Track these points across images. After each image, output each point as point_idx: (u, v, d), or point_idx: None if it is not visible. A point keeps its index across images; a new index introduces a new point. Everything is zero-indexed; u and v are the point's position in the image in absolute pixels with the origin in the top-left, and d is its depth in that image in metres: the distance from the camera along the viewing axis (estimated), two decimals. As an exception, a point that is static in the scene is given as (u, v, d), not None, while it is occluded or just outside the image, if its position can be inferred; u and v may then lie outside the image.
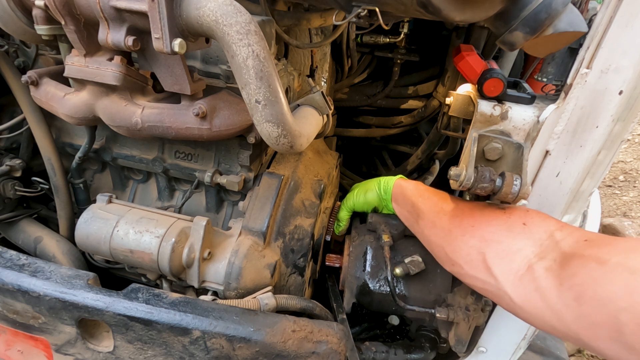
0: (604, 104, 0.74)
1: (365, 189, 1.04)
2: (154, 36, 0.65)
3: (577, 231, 0.66)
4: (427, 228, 0.86)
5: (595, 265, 0.55)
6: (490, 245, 0.71)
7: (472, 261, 0.73)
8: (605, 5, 0.68)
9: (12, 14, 0.77)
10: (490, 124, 0.85)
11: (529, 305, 0.63)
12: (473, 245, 0.74)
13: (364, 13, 0.67)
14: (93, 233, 0.84)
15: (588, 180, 0.83)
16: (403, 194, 0.95)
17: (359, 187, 1.07)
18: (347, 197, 1.07)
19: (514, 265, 0.66)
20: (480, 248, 0.72)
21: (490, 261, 0.70)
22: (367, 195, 1.02)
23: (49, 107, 0.85)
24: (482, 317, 0.92)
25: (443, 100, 1.53)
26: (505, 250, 0.69)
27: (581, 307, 0.54)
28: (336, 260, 1.05)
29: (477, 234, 0.74)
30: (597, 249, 0.57)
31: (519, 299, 0.65)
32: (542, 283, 0.61)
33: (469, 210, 0.80)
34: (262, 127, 0.68)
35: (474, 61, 1.04)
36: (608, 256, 0.54)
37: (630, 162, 3.83)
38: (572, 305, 0.56)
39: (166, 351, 0.73)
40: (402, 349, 0.99)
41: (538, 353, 1.42)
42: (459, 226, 0.78)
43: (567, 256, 0.60)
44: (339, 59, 1.52)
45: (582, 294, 0.55)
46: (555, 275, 0.60)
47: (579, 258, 0.58)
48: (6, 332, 0.81)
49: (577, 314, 0.55)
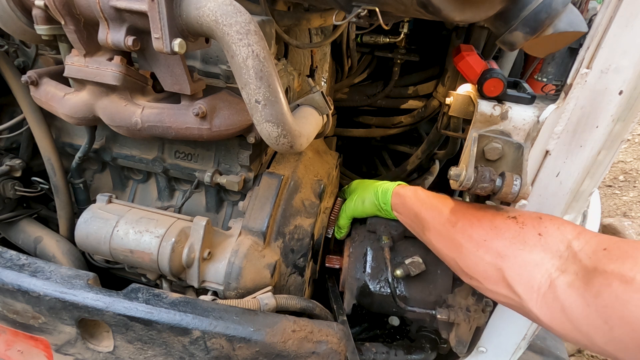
0: (604, 104, 0.74)
1: (363, 197, 1.01)
2: (154, 36, 0.65)
3: (594, 238, 0.63)
4: (435, 240, 0.83)
5: (619, 284, 0.53)
6: (507, 261, 0.68)
7: (490, 277, 0.70)
8: (605, 5, 0.68)
9: (12, 13, 0.77)
10: (490, 124, 0.85)
11: (558, 326, 0.61)
12: (489, 262, 0.71)
13: (364, 13, 0.67)
14: (93, 233, 0.84)
15: (588, 180, 0.83)
16: (403, 203, 0.92)
17: (357, 194, 1.03)
18: (346, 205, 1.05)
19: (535, 281, 0.63)
20: (497, 264, 0.69)
21: (510, 278, 0.67)
22: (366, 204, 1.00)
23: (48, 107, 0.85)
24: (482, 318, 0.92)
25: (443, 100, 1.53)
26: (523, 265, 0.66)
27: (612, 331, 0.52)
28: (336, 261, 1.05)
29: (491, 249, 0.71)
30: (619, 264, 0.55)
31: (545, 318, 0.62)
32: (567, 302, 0.58)
33: (477, 221, 0.76)
34: (262, 127, 0.68)
35: (474, 61, 1.04)
36: (632, 273, 0.53)
37: (630, 162, 3.83)
38: (602, 329, 0.54)
39: (166, 351, 0.73)
40: (403, 350, 0.99)
41: (538, 353, 1.42)
42: (470, 240, 0.75)
43: (589, 271, 0.58)
44: (339, 59, 1.52)
45: (610, 316, 0.53)
46: (579, 293, 0.58)
47: (602, 275, 0.56)
48: (6, 332, 0.81)
49: (609, 338, 0.53)
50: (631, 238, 2.82)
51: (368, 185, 1.03)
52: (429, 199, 0.87)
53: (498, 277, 0.69)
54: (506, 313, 0.95)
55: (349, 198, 1.06)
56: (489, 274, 0.71)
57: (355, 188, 1.08)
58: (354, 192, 1.06)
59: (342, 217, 1.05)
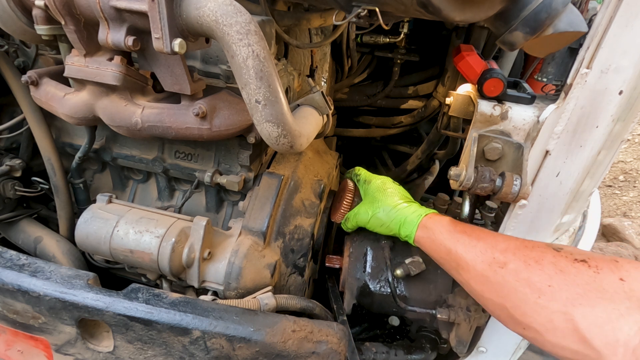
0: (604, 104, 0.74)
1: (382, 220, 0.90)
2: (154, 36, 0.65)
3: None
4: (475, 282, 0.73)
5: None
6: (581, 310, 0.58)
7: (556, 329, 0.61)
8: (605, 5, 0.68)
9: (12, 13, 0.77)
10: (490, 124, 0.85)
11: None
12: (556, 310, 0.61)
13: (364, 13, 0.67)
14: (93, 233, 0.84)
15: (588, 180, 0.83)
16: (432, 239, 0.81)
17: (375, 208, 0.91)
18: (359, 215, 0.94)
19: (622, 335, 0.54)
20: (567, 314, 0.59)
21: (586, 331, 0.57)
22: (383, 229, 0.91)
23: (48, 107, 0.85)
24: (483, 318, 0.92)
25: (443, 100, 1.53)
26: (603, 316, 0.56)
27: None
28: (336, 261, 1.05)
29: (559, 296, 0.61)
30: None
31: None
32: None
33: (536, 263, 0.66)
34: (262, 127, 0.68)
35: (474, 61, 1.04)
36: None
37: (630, 162, 3.83)
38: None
39: (166, 351, 0.73)
40: (403, 350, 0.99)
41: (538, 353, 1.42)
42: (527, 285, 0.65)
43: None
44: (339, 59, 1.52)
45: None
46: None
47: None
48: (6, 332, 0.81)
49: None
50: (631, 238, 2.83)
51: (390, 205, 0.90)
52: (467, 235, 0.76)
53: (568, 329, 0.59)
54: (506, 313, 0.95)
55: (364, 207, 0.94)
56: (554, 324, 0.61)
57: (374, 195, 0.94)
58: (373, 201, 0.93)
59: (351, 222, 0.97)
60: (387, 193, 0.93)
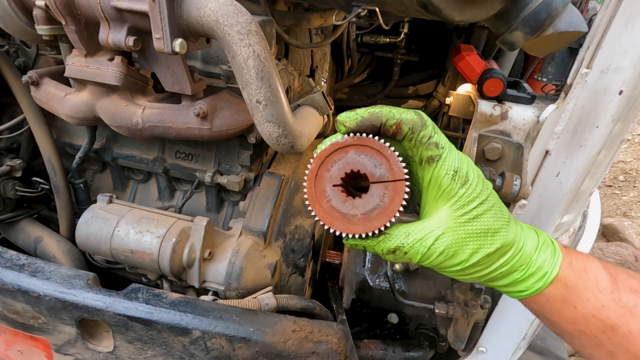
0: (604, 104, 0.74)
1: (490, 264, 0.50)
2: (155, 36, 0.65)
3: None
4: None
5: None
6: None
7: None
8: (605, 5, 0.68)
9: (13, 14, 0.77)
10: (490, 124, 0.85)
11: None
12: None
13: (364, 13, 0.67)
14: (93, 233, 0.84)
15: (588, 180, 0.83)
16: (573, 303, 0.51)
17: (478, 247, 0.49)
18: (437, 242, 0.48)
19: None
20: None
21: None
22: (478, 277, 0.51)
23: (49, 107, 0.85)
24: (481, 314, 0.91)
25: (443, 100, 1.53)
26: None
27: None
28: (336, 256, 1.05)
29: None
30: None
31: None
32: None
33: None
34: (262, 127, 0.68)
35: (474, 61, 1.04)
36: None
37: (630, 162, 3.83)
38: None
39: (166, 351, 0.73)
40: (401, 347, 0.99)
41: (538, 353, 1.42)
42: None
43: None
44: (339, 59, 1.52)
45: None
46: None
47: None
48: (6, 332, 0.81)
49: None
50: (631, 238, 2.83)
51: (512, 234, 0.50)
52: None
53: None
54: (506, 313, 0.95)
55: (451, 225, 0.49)
56: None
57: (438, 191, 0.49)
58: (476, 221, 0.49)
59: (413, 249, 0.49)
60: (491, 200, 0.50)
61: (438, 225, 0.49)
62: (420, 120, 0.48)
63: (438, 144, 0.48)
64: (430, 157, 0.48)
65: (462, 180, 0.48)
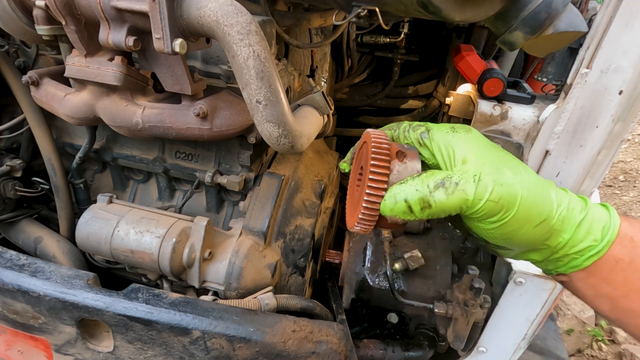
0: (604, 104, 0.74)
1: (533, 210, 0.46)
2: (155, 36, 0.65)
3: None
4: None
5: None
6: None
7: None
8: (605, 5, 0.68)
9: (13, 14, 0.77)
10: (490, 124, 0.85)
11: None
12: None
13: (364, 13, 0.67)
14: (93, 233, 0.84)
15: (588, 180, 0.83)
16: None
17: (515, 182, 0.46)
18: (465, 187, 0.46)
19: None
20: None
21: None
22: (529, 231, 0.47)
23: (49, 107, 0.85)
24: (480, 313, 0.91)
25: (443, 100, 1.53)
26: None
27: None
28: (336, 256, 1.05)
29: None
30: None
31: None
32: None
33: None
34: (262, 127, 0.68)
35: (474, 61, 1.04)
36: None
37: (630, 162, 3.83)
38: None
39: (166, 351, 0.73)
40: (400, 347, 0.99)
41: (538, 353, 1.42)
42: None
43: None
44: (339, 59, 1.52)
45: None
46: None
47: None
48: (6, 332, 0.81)
49: None
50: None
51: (535, 181, 0.48)
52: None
53: None
54: (506, 313, 0.95)
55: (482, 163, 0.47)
56: None
57: (485, 153, 0.49)
58: (498, 160, 0.49)
59: (437, 203, 0.46)
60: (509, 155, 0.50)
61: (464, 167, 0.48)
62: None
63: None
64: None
65: None
